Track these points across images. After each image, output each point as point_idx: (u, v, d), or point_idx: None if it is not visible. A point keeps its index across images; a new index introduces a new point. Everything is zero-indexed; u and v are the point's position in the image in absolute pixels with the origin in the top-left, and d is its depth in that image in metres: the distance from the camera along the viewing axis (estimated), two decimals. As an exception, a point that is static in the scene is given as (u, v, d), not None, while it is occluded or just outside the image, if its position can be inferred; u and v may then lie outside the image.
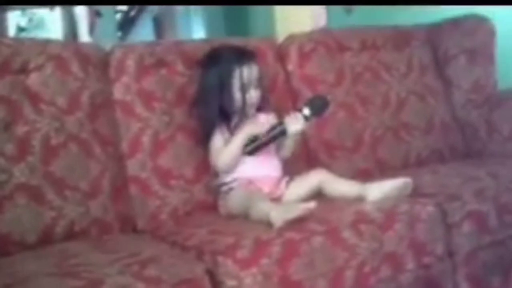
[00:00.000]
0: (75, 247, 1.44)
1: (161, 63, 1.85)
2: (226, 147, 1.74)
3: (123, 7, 8.55)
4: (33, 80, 1.62)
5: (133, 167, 1.74)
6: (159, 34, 8.39)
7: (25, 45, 1.67)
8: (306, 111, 1.70)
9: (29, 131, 1.57)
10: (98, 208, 1.62)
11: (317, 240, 1.39)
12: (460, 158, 2.25)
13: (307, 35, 2.28)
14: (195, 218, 1.73)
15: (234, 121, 1.79)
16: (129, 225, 1.70)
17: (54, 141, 1.60)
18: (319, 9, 3.60)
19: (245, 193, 1.65)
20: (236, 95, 1.77)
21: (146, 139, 1.76)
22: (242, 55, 1.79)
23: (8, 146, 1.52)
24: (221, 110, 1.78)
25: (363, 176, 1.94)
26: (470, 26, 2.37)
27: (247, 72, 1.76)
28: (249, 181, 1.72)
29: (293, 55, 2.13)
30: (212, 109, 1.78)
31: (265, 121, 1.80)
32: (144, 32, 9.03)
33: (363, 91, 2.19)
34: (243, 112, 1.78)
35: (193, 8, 6.55)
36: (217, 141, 1.76)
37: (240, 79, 1.76)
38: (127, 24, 9.43)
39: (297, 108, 1.76)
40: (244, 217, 1.56)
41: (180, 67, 1.88)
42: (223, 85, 1.77)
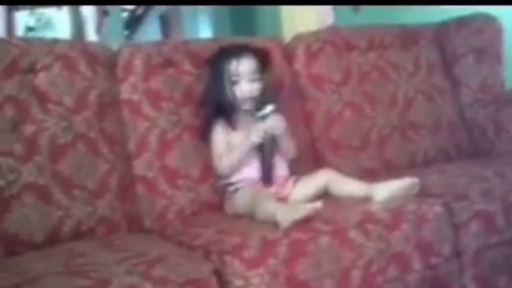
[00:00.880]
0: (83, 247, 1.45)
1: (168, 63, 1.86)
2: (229, 153, 1.74)
3: (130, 6, 8.57)
4: (41, 79, 1.63)
5: (140, 166, 1.75)
6: (166, 32, 8.40)
7: (33, 45, 1.68)
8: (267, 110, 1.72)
9: (37, 131, 1.57)
10: (105, 207, 1.63)
11: (324, 240, 1.39)
12: (467, 157, 2.25)
13: (314, 34, 2.27)
14: (202, 217, 1.73)
15: (235, 118, 1.78)
16: (136, 225, 1.70)
17: (61, 141, 1.60)
18: (326, 8, 3.59)
19: (251, 192, 1.65)
20: (226, 88, 1.76)
21: (153, 139, 1.77)
22: (236, 50, 1.78)
23: (16, 145, 1.53)
24: (220, 107, 1.77)
25: (370, 175, 1.94)
26: (477, 25, 2.37)
27: (236, 63, 1.75)
28: (256, 181, 1.72)
29: (300, 54, 2.12)
30: (210, 107, 1.78)
31: (266, 123, 1.74)
32: (151, 30, 9.06)
33: (370, 90, 2.19)
34: (238, 105, 1.77)
35: (200, 7, 6.56)
36: (218, 143, 1.76)
37: (228, 72, 1.75)
38: (134, 22, 9.45)
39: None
40: (250, 217, 1.56)
41: (187, 67, 1.88)
42: (216, 81, 1.77)
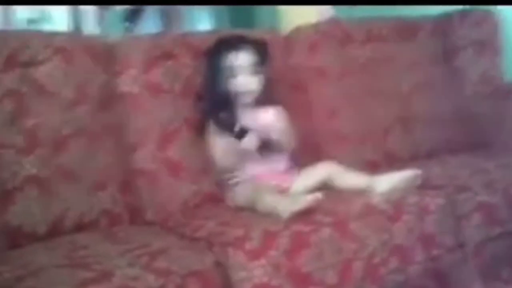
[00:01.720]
0: (85, 239, 1.45)
1: (167, 55, 1.85)
2: (224, 158, 1.73)
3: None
4: (41, 72, 1.62)
5: (141, 159, 1.74)
6: (166, 25, 8.37)
7: (32, 38, 1.67)
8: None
9: (38, 124, 1.57)
10: (107, 199, 1.62)
11: (326, 231, 1.39)
12: (468, 149, 2.24)
13: (314, 26, 2.27)
14: (204, 210, 1.73)
15: (232, 110, 1.76)
16: (138, 217, 1.70)
17: (63, 133, 1.60)
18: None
19: (253, 185, 1.65)
20: (224, 82, 1.75)
21: (154, 131, 1.76)
22: (234, 42, 1.77)
23: (17, 138, 1.53)
24: (218, 100, 1.76)
25: (372, 168, 1.94)
26: (477, 17, 2.36)
27: (234, 56, 1.74)
28: (256, 176, 1.72)
29: (300, 47, 2.12)
30: (207, 101, 1.78)
31: (265, 117, 1.75)
32: (150, 23, 9.02)
33: (370, 83, 2.18)
34: (237, 99, 1.76)
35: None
36: (214, 146, 1.75)
37: (226, 65, 1.74)
38: (133, 15, 9.41)
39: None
40: (252, 209, 1.56)
41: (186, 59, 1.87)
42: (214, 74, 1.76)
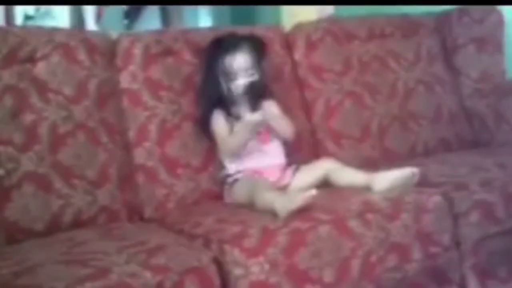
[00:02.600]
0: (83, 235, 1.45)
1: (168, 52, 1.85)
2: (231, 137, 1.74)
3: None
4: (41, 69, 1.63)
5: (140, 155, 1.75)
6: (165, 22, 8.36)
7: (32, 34, 1.67)
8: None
9: (37, 120, 1.57)
10: (105, 196, 1.63)
11: (324, 229, 1.39)
12: (467, 147, 2.24)
13: (314, 24, 2.27)
14: (202, 207, 1.73)
15: (233, 109, 1.78)
16: (136, 214, 1.71)
17: (61, 130, 1.60)
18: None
19: (250, 182, 1.65)
20: (222, 84, 1.77)
21: (153, 128, 1.77)
22: (231, 45, 1.77)
23: (16, 134, 1.53)
24: (217, 99, 1.78)
25: (370, 165, 1.94)
26: (478, 15, 2.36)
27: (229, 62, 1.75)
28: (254, 172, 1.72)
29: (301, 44, 2.12)
30: (207, 98, 1.79)
31: (267, 108, 1.78)
32: (150, 20, 9.01)
33: (370, 80, 2.18)
34: (234, 100, 1.77)
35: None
36: (220, 128, 1.76)
37: (222, 68, 1.76)
38: (133, 12, 9.40)
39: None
40: (250, 206, 1.56)
41: (187, 56, 1.88)
42: (210, 74, 1.78)
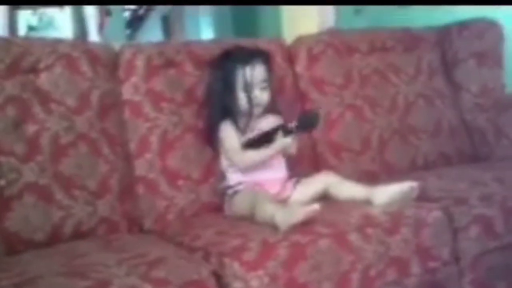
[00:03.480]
0: (83, 247, 1.45)
1: (170, 64, 1.86)
2: (254, 152, 1.73)
3: (132, 6, 8.57)
4: (43, 79, 1.64)
5: (141, 167, 1.75)
6: (167, 33, 8.40)
7: (35, 45, 1.68)
8: (293, 125, 1.71)
9: (39, 131, 1.58)
10: (106, 207, 1.63)
11: (324, 242, 1.39)
12: (467, 162, 2.25)
13: (316, 36, 2.28)
14: (202, 219, 1.73)
15: (242, 121, 1.79)
16: (136, 225, 1.71)
17: (63, 141, 1.61)
18: (327, 9, 3.59)
19: (251, 194, 1.65)
20: (240, 95, 1.77)
21: (154, 140, 1.77)
22: (248, 56, 1.79)
23: (18, 145, 1.53)
24: (227, 110, 1.79)
25: (370, 178, 1.94)
26: (479, 29, 2.37)
27: (250, 72, 1.76)
28: (255, 184, 1.73)
29: (302, 57, 2.13)
30: (216, 109, 1.79)
31: (268, 124, 1.79)
32: (152, 31, 9.05)
33: (371, 94, 2.19)
34: (250, 112, 1.78)
35: (202, 7, 6.56)
36: (232, 138, 1.76)
37: (242, 79, 1.76)
38: (135, 22, 9.45)
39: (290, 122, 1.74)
40: (250, 219, 1.56)
41: (189, 68, 1.89)
42: (227, 86, 1.78)
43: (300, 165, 1.91)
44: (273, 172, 1.78)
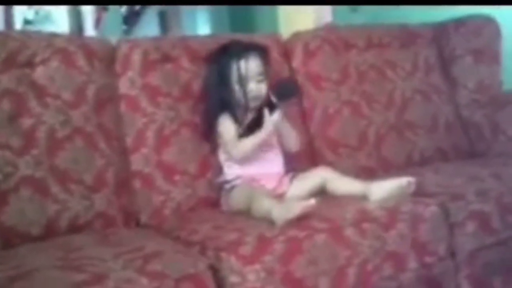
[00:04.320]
0: (79, 240, 1.45)
1: (166, 58, 1.86)
2: (247, 139, 1.73)
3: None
4: (39, 73, 1.63)
5: (137, 161, 1.75)
6: (164, 28, 8.37)
7: (31, 39, 1.68)
8: (272, 99, 1.72)
9: (35, 124, 1.57)
10: (102, 201, 1.63)
11: (320, 237, 1.39)
12: (464, 157, 2.25)
13: (312, 32, 2.28)
14: (199, 213, 1.73)
15: (239, 114, 1.79)
16: (132, 220, 1.71)
17: (59, 135, 1.60)
18: (324, 6, 3.59)
19: (248, 189, 1.65)
20: (235, 88, 1.77)
21: (150, 134, 1.77)
22: (243, 50, 1.79)
23: (13, 138, 1.53)
24: (224, 103, 1.78)
25: (367, 174, 1.95)
26: (476, 26, 2.37)
27: (244, 65, 1.75)
28: (252, 179, 1.73)
29: (298, 52, 2.13)
30: (213, 103, 1.79)
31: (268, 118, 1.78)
32: (149, 26, 9.02)
33: (368, 89, 2.19)
34: (246, 105, 1.78)
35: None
36: (229, 130, 1.76)
37: (237, 72, 1.76)
38: (132, 18, 9.41)
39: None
40: (246, 213, 1.56)
41: (185, 63, 1.88)
42: (222, 79, 1.77)
43: (297, 161, 1.91)
44: (270, 166, 1.79)
